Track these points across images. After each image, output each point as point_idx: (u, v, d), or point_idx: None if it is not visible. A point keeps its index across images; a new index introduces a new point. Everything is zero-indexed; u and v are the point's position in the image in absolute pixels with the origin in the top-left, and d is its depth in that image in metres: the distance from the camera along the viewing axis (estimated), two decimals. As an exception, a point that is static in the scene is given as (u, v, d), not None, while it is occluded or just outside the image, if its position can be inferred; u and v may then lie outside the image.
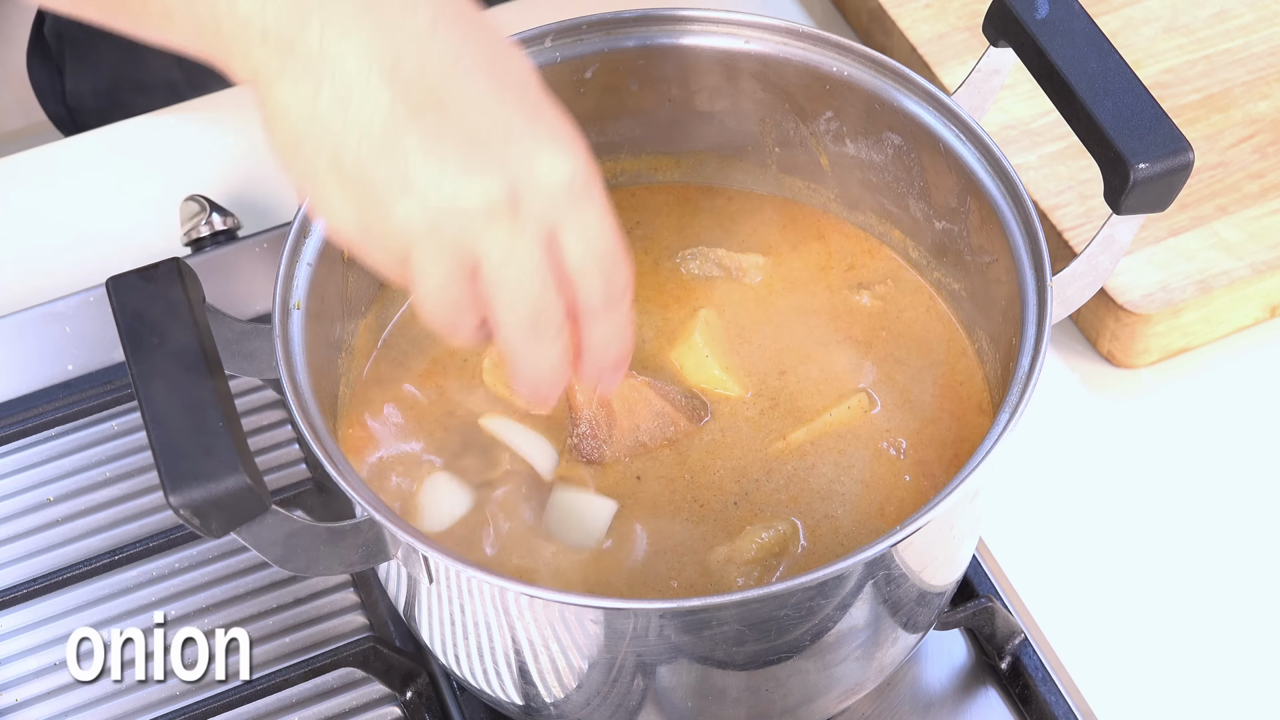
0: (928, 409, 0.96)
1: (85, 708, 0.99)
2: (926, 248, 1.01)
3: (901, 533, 0.81)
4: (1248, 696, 1.00)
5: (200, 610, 1.02)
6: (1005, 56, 0.97)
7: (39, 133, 1.58)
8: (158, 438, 0.78)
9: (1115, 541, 1.06)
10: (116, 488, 1.08)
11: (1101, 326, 1.13)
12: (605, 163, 1.06)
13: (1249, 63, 1.23)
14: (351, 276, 0.96)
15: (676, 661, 0.84)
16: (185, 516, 0.77)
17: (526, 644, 0.85)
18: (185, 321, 0.82)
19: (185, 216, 1.18)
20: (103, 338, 1.14)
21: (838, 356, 0.99)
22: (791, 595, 0.81)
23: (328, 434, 0.85)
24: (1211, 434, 1.11)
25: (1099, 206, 1.14)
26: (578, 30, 1.00)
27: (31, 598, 1.03)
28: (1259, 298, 1.13)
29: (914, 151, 0.98)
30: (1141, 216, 0.91)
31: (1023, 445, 1.08)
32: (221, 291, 1.13)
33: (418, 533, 0.82)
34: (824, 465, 0.94)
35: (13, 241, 1.23)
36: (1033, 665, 0.99)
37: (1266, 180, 1.17)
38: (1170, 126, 0.89)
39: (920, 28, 1.26)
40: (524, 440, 0.95)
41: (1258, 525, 1.07)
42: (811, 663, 0.87)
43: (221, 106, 1.29)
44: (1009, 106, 1.20)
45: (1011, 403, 0.85)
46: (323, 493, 1.07)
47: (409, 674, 1.00)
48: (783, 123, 1.03)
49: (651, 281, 1.03)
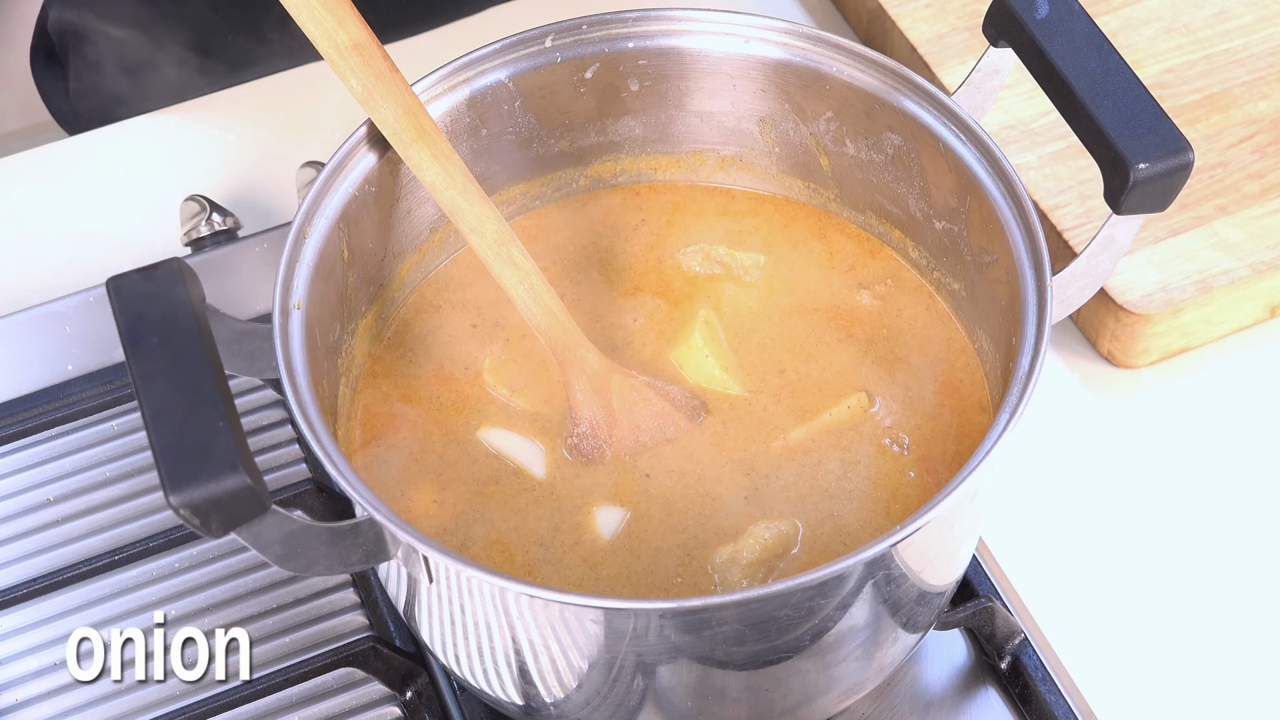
0: (929, 407, 0.96)
1: (85, 708, 0.99)
2: (926, 248, 1.01)
3: (901, 532, 0.81)
4: (1248, 696, 1.00)
5: (200, 610, 1.02)
6: (1005, 56, 0.97)
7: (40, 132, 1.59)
8: (158, 438, 0.78)
9: (1115, 541, 1.06)
10: (116, 488, 1.08)
11: (1101, 326, 1.13)
12: (605, 163, 1.06)
13: (1249, 63, 1.23)
14: (351, 276, 0.96)
15: (676, 661, 0.84)
16: (185, 516, 0.77)
17: (526, 644, 0.85)
18: (185, 321, 0.82)
19: (185, 216, 1.18)
20: (103, 338, 1.14)
21: (838, 356, 0.99)
22: (791, 595, 0.81)
23: (328, 434, 0.85)
24: (1211, 434, 1.11)
25: (1099, 206, 1.14)
26: (578, 30, 1.00)
27: (31, 598, 1.03)
28: (1259, 298, 1.13)
29: (914, 151, 0.98)
30: (1141, 216, 0.91)
31: (1023, 445, 1.08)
32: (221, 291, 1.14)
33: (418, 533, 0.81)
34: (829, 463, 0.94)
35: (13, 241, 1.23)
36: (1032, 665, 0.99)
37: (1266, 180, 1.17)
38: (1170, 126, 0.89)
39: (920, 28, 1.26)
40: (520, 449, 0.96)
41: (1257, 525, 1.07)
42: (811, 663, 0.87)
43: (221, 106, 1.29)
44: (1009, 106, 1.20)
45: (1011, 403, 0.85)
46: (323, 493, 1.07)
47: (409, 674, 1.00)
48: (783, 123, 1.03)
49: (654, 280, 1.03)
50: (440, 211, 1.00)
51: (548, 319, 0.95)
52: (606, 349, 0.98)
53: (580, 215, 1.06)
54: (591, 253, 1.04)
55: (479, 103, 0.99)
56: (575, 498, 0.94)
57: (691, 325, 1.00)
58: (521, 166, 1.04)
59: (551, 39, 0.99)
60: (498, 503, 0.94)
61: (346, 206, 0.94)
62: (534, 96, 1.01)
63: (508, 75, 1.00)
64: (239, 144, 1.27)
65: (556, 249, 1.05)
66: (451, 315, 1.02)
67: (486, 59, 0.99)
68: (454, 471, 0.95)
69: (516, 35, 0.99)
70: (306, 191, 0.93)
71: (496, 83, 0.99)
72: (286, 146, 1.25)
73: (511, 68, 1.00)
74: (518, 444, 0.96)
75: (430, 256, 1.03)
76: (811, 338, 1.00)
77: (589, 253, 1.04)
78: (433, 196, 0.94)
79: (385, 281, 1.00)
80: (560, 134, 1.04)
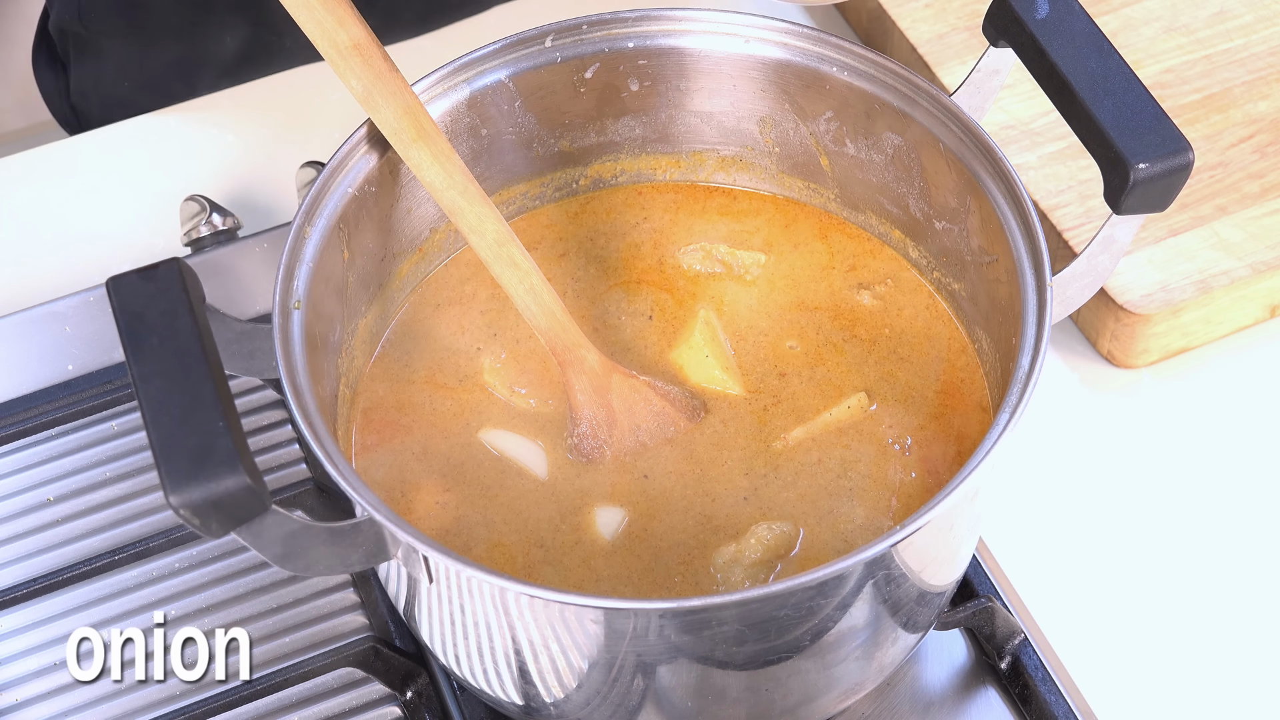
0: (929, 407, 0.96)
1: (85, 708, 0.99)
2: (926, 248, 1.01)
3: (901, 532, 0.81)
4: (1247, 696, 1.00)
5: (200, 610, 1.02)
6: (1005, 56, 0.97)
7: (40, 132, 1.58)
8: (158, 438, 0.78)
9: (1115, 541, 1.06)
10: (116, 488, 1.08)
11: (1101, 326, 1.13)
12: (605, 163, 1.06)
13: (1249, 63, 1.23)
14: (351, 276, 0.96)
15: (676, 661, 0.84)
16: (185, 516, 0.77)
17: (526, 644, 0.85)
18: (185, 321, 0.82)
19: (185, 216, 1.18)
20: (103, 338, 1.14)
21: (838, 355, 0.99)
22: (791, 595, 0.81)
23: (328, 434, 0.85)
24: (1211, 434, 1.11)
25: (1099, 206, 1.14)
26: (578, 30, 1.00)
27: (31, 598, 1.03)
28: (1259, 298, 1.13)
29: (914, 151, 0.98)
30: (1141, 216, 0.91)
31: (1023, 445, 1.08)
32: (221, 291, 1.14)
33: (418, 533, 0.82)
34: (829, 463, 0.94)
35: (13, 241, 1.23)
36: (1032, 665, 0.99)
37: (1266, 180, 1.17)
38: (1170, 126, 0.89)
39: (920, 28, 1.26)
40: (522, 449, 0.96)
41: (1257, 525, 1.07)
42: (811, 663, 0.87)
43: (221, 106, 1.29)
44: (1009, 106, 1.20)
45: (1011, 403, 0.85)
46: (323, 493, 1.07)
47: (409, 674, 1.00)
48: (783, 123, 1.03)
49: (654, 279, 1.03)
50: (440, 211, 1.00)
51: (548, 318, 0.95)
52: (607, 348, 0.98)
53: (580, 215, 1.06)
54: (591, 252, 1.04)
55: (479, 103, 0.99)
56: (575, 498, 0.94)
57: (692, 325, 1.00)
58: (521, 166, 1.04)
59: (551, 39, 0.99)
60: (499, 504, 0.94)
61: (346, 206, 0.94)
62: (534, 96, 1.01)
63: (508, 75, 1.00)
64: (239, 144, 1.27)
65: (556, 249, 1.05)
66: (452, 315, 1.02)
67: (486, 59, 0.99)
68: (455, 472, 0.95)
69: (516, 35, 0.99)
70: (306, 191, 0.93)
71: (496, 83, 0.99)
72: (286, 146, 1.25)
73: (511, 68, 1.00)
74: (519, 445, 0.96)
75: (430, 256, 1.03)
76: (812, 337, 1.00)
77: (589, 252, 1.04)
78: (433, 197, 0.94)
79: (385, 281, 1.00)
80: (560, 134, 1.04)
